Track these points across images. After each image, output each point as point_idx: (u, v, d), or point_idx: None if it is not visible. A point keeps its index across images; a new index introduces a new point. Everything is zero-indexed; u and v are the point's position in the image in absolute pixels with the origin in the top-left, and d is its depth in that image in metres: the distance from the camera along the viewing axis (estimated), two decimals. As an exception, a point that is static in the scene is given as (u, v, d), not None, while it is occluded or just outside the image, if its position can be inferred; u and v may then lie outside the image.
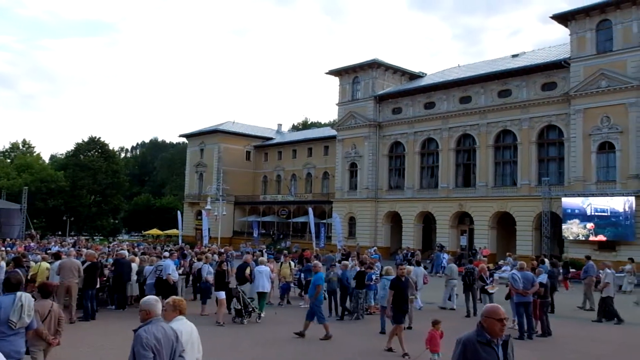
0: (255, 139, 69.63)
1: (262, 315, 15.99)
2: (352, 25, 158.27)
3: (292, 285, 20.05)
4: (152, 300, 5.27)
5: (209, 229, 47.43)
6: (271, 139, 70.47)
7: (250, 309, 15.13)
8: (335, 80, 54.38)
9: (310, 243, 40.67)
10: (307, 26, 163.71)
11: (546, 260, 24.89)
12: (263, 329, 14.31)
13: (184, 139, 77.42)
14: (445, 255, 36.68)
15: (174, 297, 5.83)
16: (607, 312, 16.55)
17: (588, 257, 24.07)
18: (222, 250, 21.93)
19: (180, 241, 46.05)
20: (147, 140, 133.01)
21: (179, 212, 52.10)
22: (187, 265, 20.61)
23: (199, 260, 19.07)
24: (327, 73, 54.29)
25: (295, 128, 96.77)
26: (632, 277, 26.42)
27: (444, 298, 19.07)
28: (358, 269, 17.11)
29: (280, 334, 13.52)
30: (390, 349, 11.49)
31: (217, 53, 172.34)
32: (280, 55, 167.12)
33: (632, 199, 33.59)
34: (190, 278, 20.58)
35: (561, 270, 23.47)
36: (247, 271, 16.82)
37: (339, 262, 20.47)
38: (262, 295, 16.35)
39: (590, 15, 37.13)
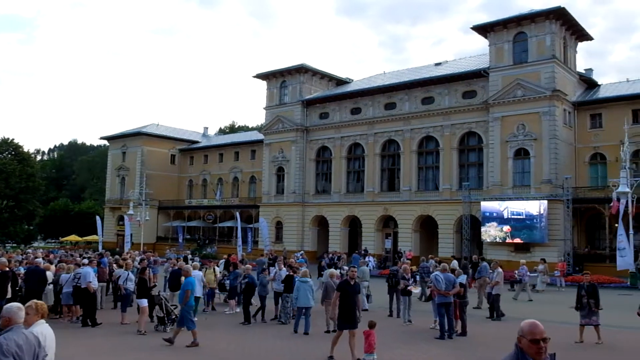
0: (181, 142, 68.21)
1: (196, 319, 15.76)
2: (279, 29, 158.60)
3: (216, 291, 19.74)
4: (15, 307, 5.21)
5: (131, 234, 46.01)
6: (197, 142, 69.26)
7: (174, 317, 14.73)
8: (263, 84, 54.27)
9: (236, 248, 40.23)
10: (233, 29, 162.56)
11: (455, 260, 25.94)
12: (185, 337, 13.98)
13: (105, 142, 74.82)
14: (370, 258, 37.28)
15: (35, 300, 5.82)
16: (495, 308, 17.18)
17: (482, 259, 25.11)
18: (143, 257, 21.26)
19: (100, 248, 44.40)
20: (65, 143, 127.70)
21: (98, 218, 50.22)
22: (106, 273, 19.84)
23: (120, 267, 18.42)
24: (254, 77, 54.08)
25: (222, 132, 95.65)
26: (545, 276, 27.83)
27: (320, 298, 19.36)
28: (286, 272, 17.06)
29: (202, 343, 13.25)
30: (331, 357, 11.05)
31: (141, 53, 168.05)
32: (206, 58, 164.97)
33: (545, 202, 35.36)
34: (111, 286, 19.88)
35: (469, 271, 24.38)
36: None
37: (269, 266, 20.38)
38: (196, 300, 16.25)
39: (507, 28, 38.89)
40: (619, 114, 36.28)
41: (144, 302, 14.72)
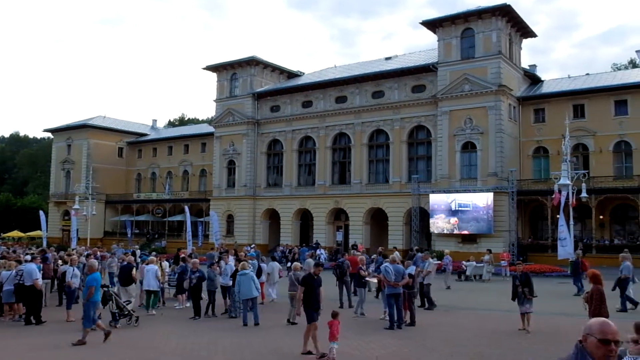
0: (129, 134, 66.70)
1: (154, 313, 16.51)
2: (230, 21, 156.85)
3: (166, 286, 19.47)
4: None
5: (77, 229, 44.80)
6: (146, 135, 67.84)
7: (126, 312, 14.52)
8: (213, 76, 53.65)
9: (186, 242, 39.74)
10: (182, 20, 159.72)
11: (396, 252, 26.42)
12: (140, 333, 13.77)
13: (49, 134, 72.40)
14: (322, 251, 37.55)
15: None
16: (427, 297, 17.58)
17: (419, 250, 25.57)
18: (89, 252, 20.76)
19: (44, 243, 43.08)
20: (6, 135, 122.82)
21: (41, 213, 48.66)
22: (51, 269, 19.27)
23: (65, 263, 17.94)
24: (204, 69, 53.38)
25: (171, 124, 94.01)
26: (490, 266, 28.64)
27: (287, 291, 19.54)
28: (234, 267, 16.97)
29: (152, 339, 13.08)
30: (309, 352, 10.85)
31: (86, 44, 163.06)
32: (155, 49, 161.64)
33: (491, 195, 36.35)
34: (55, 282, 19.34)
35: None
36: (134, 271, 16.90)
37: (219, 260, 20.20)
38: (150, 294, 16.86)
39: (455, 24, 39.64)
40: (561, 108, 37.61)
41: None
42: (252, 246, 41.31)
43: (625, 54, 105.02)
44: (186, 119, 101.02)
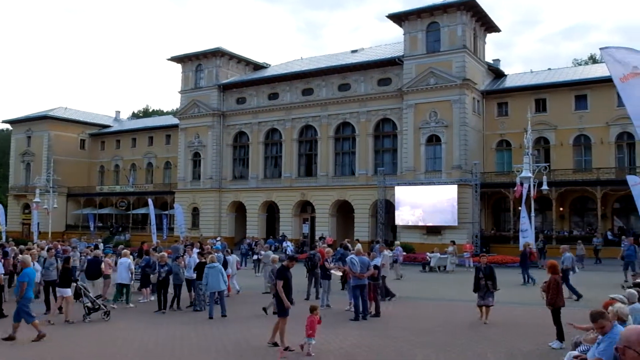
0: (91, 126, 65.38)
1: (132, 305, 16.66)
2: (195, 11, 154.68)
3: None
4: None
5: (38, 223, 43.82)
6: (109, 126, 66.59)
7: (97, 307, 14.35)
8: (178, 67, 52.94)
9: (150, 235, 39.26)
10: (146, 9, 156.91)
11: (359, 244, 26.69)
12: (108, 327, 13.58)
13: (8, 125, 70.49)
14: (288, 243, 37.58)
15: None
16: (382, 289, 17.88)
17: (377, 242, 25.80)
18: (50, 246, 20.32)
19: (3, 238, 41.96)
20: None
21: (0, 206, 47.41)
22: (10, 263, 18.81)
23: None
24: (169, 59, 52.64)
25: (135, 116, 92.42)
26: (454, 257, 29.10)
27: (265, 283, 19.63)
28: (196, 260, 16.87)
29: (117, 333, 12.91)
30: (275, 344, 10.92)
31: (46, 32, 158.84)
32: (118, 39, 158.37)
33: (455, 187, 36.88)
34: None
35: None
36: (103, 265, 16.99)
37: (184, 253, 20.04)
38: (122, 287, 16.95)
39: (421, 17, 39.94)
40: (523, 103, 38.34)
41: (68, 292, 14.35)
42: (217, 239, 41.14)
43: (586, 50, 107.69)
44: (150, 110, 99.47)
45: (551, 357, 10.14)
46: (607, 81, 30.65)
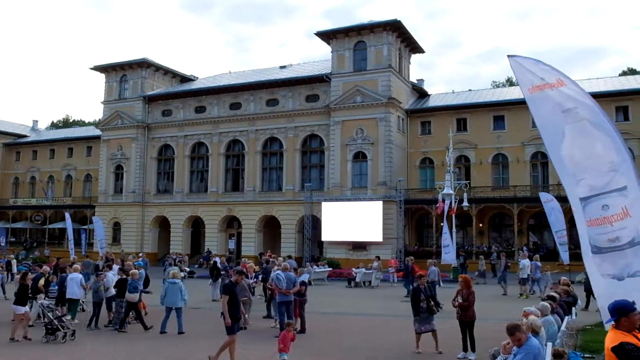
0: (6, 135, 61.95)
1: (76, 321, 15.53)
2: (121, 20, 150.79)
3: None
4: None
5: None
6: (25, 136, 63.35)
7: (55, 327, 13.41)
8: (102, 76, 51.35)
9: (68, 251, 37.54)
10: (69, 15, 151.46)
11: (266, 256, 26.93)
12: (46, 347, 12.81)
13: None
14: (217, 259, 36.78)
15: None
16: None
17: (262, 254, 26.15)
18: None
19: None
20: None
21: None
22: None
23: None
24: (92, 69, 50.98)
25: (54, 126, 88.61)
26: (379, 273, 29.47)
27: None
28: (114, 276, 16.28)
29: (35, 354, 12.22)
30: None
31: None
32: (37, 44, 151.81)
33: (380, 203, 37.57)
34: None
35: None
36: (42, 282, 15.86)
37: (103, 268, 19.27)
38: (72, 302, 16.01)
39: (349, 36, 40.72)
40: (446, 122, 39.68)
41: (21, 310, 13.64)
42: (140, 255, 39.88)
43: (503, 73, 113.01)
44: (71, 120, 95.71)
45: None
46: (522, 103, 32.12)
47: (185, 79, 53.24)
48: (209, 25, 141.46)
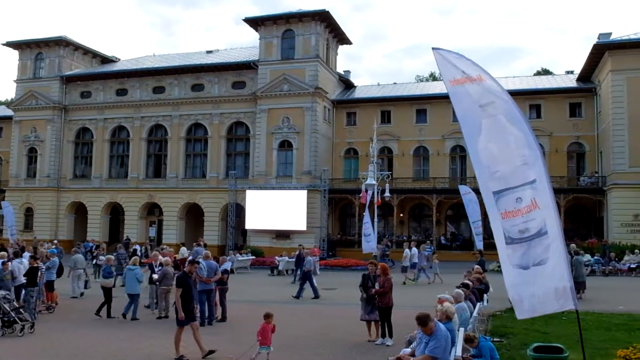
0: None
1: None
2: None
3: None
4: None
5: None
6: None
7: (12, 319, 12.59)
8: (15, 53, 48.47)
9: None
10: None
11: (183, 247, 26.95)
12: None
13: None
14: (138, 247, 35.89)
15: None
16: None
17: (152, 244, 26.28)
18: None
19: None
20: None
21: None
22: None
23: None
24: (4, 44, 47.97)
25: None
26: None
27: (72, 288, 19.12)
28: (28, 265, 15.56)
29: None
30: (181, 357, 10.29)
31: None
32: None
33: (305, 192, 37.78)
34: None
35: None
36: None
37: (12, 258, 18.31)
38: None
39: (277, 24, 40.47)
40: (370, 113, 40.28)
41: None
42: (54, 242, 38.23)
43: (427, 68, 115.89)
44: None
45: (387, 352, 10.63)
46: (444, 97, 33.21)
47: (106, 60, 51.20)
48: (133, 6, 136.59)
